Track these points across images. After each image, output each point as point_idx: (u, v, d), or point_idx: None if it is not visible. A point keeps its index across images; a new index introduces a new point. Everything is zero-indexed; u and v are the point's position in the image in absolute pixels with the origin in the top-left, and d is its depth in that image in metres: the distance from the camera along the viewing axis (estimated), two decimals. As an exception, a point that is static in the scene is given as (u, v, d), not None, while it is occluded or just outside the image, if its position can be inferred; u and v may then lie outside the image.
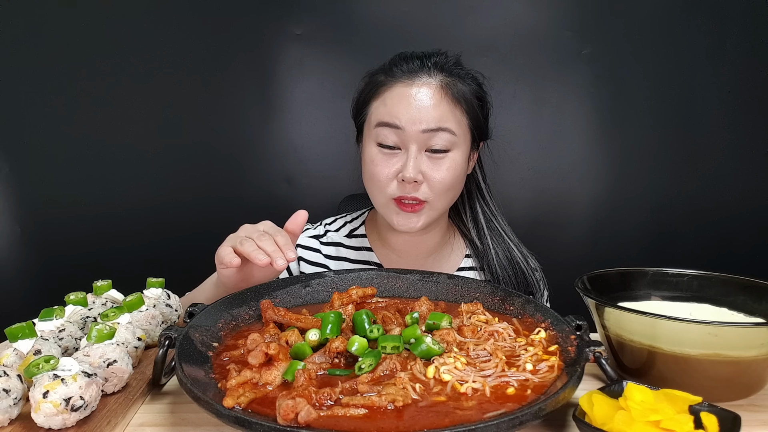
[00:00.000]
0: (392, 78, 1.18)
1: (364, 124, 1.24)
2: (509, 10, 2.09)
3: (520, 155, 2.16)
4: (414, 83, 1.16)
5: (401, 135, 1.14)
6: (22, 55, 2.06)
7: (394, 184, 1.16)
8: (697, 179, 2.17)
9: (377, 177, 1.17)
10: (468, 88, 1.19)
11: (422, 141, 1.14)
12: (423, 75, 1.16)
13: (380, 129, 1.16)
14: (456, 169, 1.17)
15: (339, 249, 1.36)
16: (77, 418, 0.65)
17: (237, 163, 2.17)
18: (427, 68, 1.17)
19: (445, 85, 1.16)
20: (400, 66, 1.18)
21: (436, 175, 1.15)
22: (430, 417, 0.61)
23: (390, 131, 1.15)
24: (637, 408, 0.62)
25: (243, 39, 2.09)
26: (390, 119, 1.15)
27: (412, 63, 1.18)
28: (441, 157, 1.16)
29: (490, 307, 0.93)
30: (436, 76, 1.17)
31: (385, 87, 1.18)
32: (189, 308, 0.83)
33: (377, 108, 1.19)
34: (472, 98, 1.20)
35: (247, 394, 0.63)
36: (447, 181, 1.16)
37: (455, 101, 1.16)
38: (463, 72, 1.21)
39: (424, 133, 1.13)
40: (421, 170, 1.14)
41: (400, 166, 1.15)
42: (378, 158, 1.17)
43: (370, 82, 1.23)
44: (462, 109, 1.18)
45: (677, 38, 2.10)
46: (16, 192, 2.14)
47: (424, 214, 1.18)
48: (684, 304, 0.92)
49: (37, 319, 0.83)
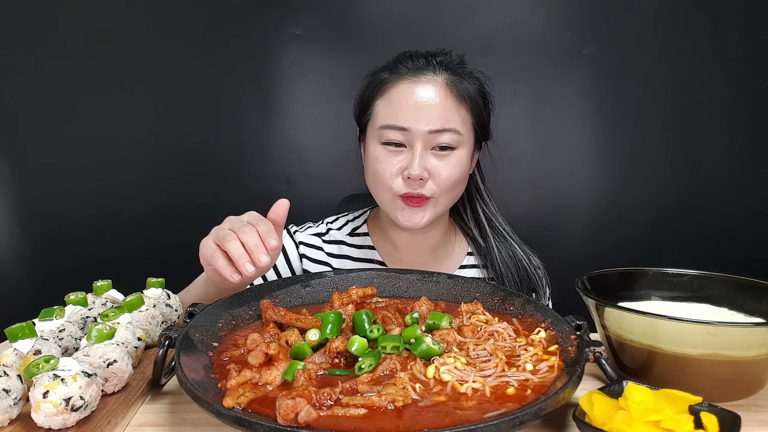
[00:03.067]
0: (397, 75, 1.18)
1: (368, 123, 1.23)
2: (509, 10, 2.09)
3: (519, 155, 2.16)
4: (419, 80, 1.16)
5: (407, 134, 1.15)
6: (22, 56, 2.05)
7: (399, 181, 1.17)
8: (697, 179, 2.17)
9: (382, 174, 1.17)
10: (472, 87, 1.20)
11: (428, 140, 1.15)
12: (428, 72, 1.17)
13: (386, 131, 1.16)
14: (461, 166, 1.18)
15: (341, 247, 1.36)
16: (77, 418, 0.65)
17: (237, 163, 2.17)
18: (432, 66, 1.17)
19: (450, 83, 1.16)
20: (405, 63, 1.19)
21: (442, 172, 1.15)
22: (430, 417, 0.61)
23: (396, 132, 1.15)
24: (637, 408, 0.62)
25: (243, 39, 2.09)
26: (396, 121, 1.15)
27: (417, 61, 1.18)
28: (447, 155, 1.16)
29: (490, 307, 0.93)
30: (441, 74, 1.17)
31: (389, 84, 1.18)
32: (189, 308, 0.83)
33: (382, 107, 1.19)
34: (477, 97, 1.21)
35: (247, 394, 0.63)
36: (453, 177, 1.17)
37: (460, 99, 1.17)
38: (467, 71, 1.22)
39: (430, 133, 1.14)
40: (427, 168, 1.15)
41: (406, 163, 1.15)
42: (383, 156, 1.17)
43: (373, 80, 1.22)
44: (467, 107, 1.18)
45: (677, 38, 2.10)
46: (16, 192, 2.14)
47: (429, 210, 1.18)
48: (684, 304, 0.92)
49: (37, 319, 0.83)
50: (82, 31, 2.06)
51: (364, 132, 1.26)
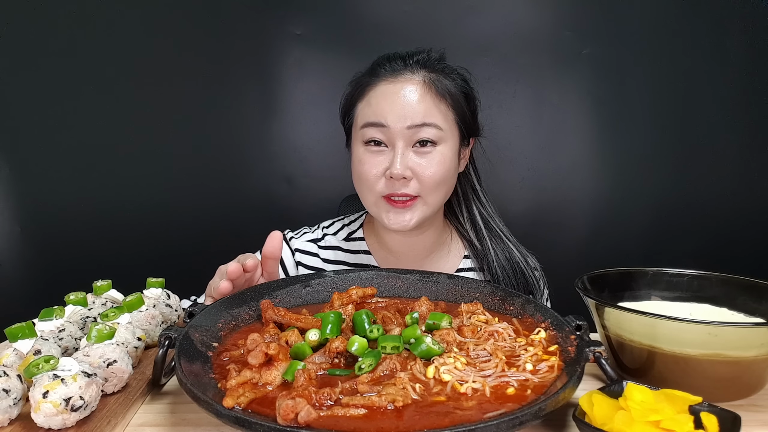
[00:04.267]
0: (376, 78, 1.19)
1: (352, 127, 1.24)
2: (509, 10, 2.09)
3: (519, 155, 2.16)
4: (397, 81, 1.17)
5: (387, 133, 1.15)
6: (22, 56, 2.06)
7: (382, 182, 1.17)
8: (697, 179, 2.17)
9: (365, 176, 1.17)
10: (453, 84, 1.20)
11: (408, 137, 1.15)
12: (406, 73, 1.17)
13: (366, 129, 1.17)
14: (445, 163, 1.17)
15: (337, 253, 1.36)
16: (77, 418, 0.65)
17: (237, 163, 2.17)
18: (410, 66, 1.18)
19: (429, 80, 1.17)
20: (384, 66, 1.20)
21: (425, 171, 1.15)
22: (430, 417, 0.61)
23: (376, 130, 1.16)
24: (637, 408, 0.62)
25: (243, 39, 2.09)
26: (375, 118, 1.15)
27: (395, 63, 1.19)
28: (429, 152, 1.16)
29: (490, 307, 0.93)
30: (419, 73, 1.17)
31: (369, 87, 1.19)
32: (189, 308, 0.83)
33: (363, 109, 1.20)
34: (458, 93, 1.20)
35: (247, 394, 0.63)
36: (437, 175, 1.16)
37: (439, 96, 1.17)
38: (447, 68, 1.22)
39: (409, 129, 1.14)
40: (409, 166, 1.14)
41: (388, 163, 1.15)
42: (365, 157, 1.18)
43: (355, 85, 1.24)
44: (447, 103, 1.18)
45: (677, 38, 2.10)
46: (16, 192, 2.14)
47: (417, 210, 1.17)
48: (684, 304, 0.92)
49: (37, 319, 0.83)
50: (82, 32, 2.06)
51: (350, 137, 1.26)
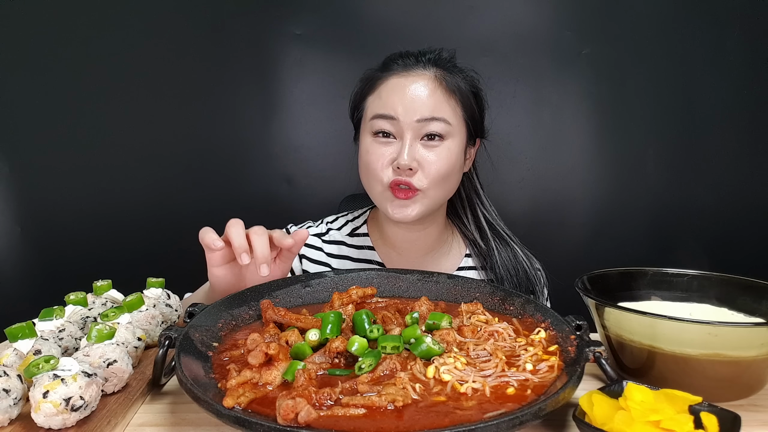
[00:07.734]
0: (388, 72, 1.20)
1: (361, 120, 1.25)
2: (509, 10, 2.09)
3: (519, 155, 2.16)
4: (409, 75, 1.18)
5: (396, 125, 1.16)
6: (22, 56, 2.06)
7: (389, 171, 1.17)
8: (696, 179, 2.17)
9: (372, 165, 1.18)
10: (463, 82, 1.22)
11: (417, 130, 1.16)
12: (418, 68, 1.19)
13: (376, 121, 1.18)
14: (451, 158, 1.18)
15: (341, 248, 1.37)
16: (77, 418, 0.65)
17: (237, 163, 2.17)
18: (422, 63, 1.20)
19: (440, 76, 1.18)
20: (396, 61, 1.21)
21: (431, 164, 1.16)
22: (430, 417, 0.61)
23: (385, 122, 1.17)
24: (637, 408, 0.62)
25: (243, 39, 2.09)
26: (385, 110, 1.16)
27: (407, 59, 1.21)
28: (436, 146, 1.17)
29: (490, 307, 0.93)
30: (431, 69, 1.19)
31: (380, 81, 1.21)
32: (189, 308, 0.83)
33: (373, 101, 1.21)
34: (467, 91, 1.22)
35: (247, 394, 0.63)
36: (443, 169, 1.17)
37: (450, 92, 1.18)
38: (458, 68, 1.24)
39: (418, 123, 1.15)
40: (416, 158, 1.15)
41: (396, 154, 1.16)
42: (373, 147, 1.19)
43: (365, 79, 1.25)
44: (457, 99, 1.19)
45: (677, 38, 2.10)
46: (16, 192, 2.14)
47: (418, 202, 1.18)
48: (684, 304, 0.92)
49: (37, 319, 0.83)
50: (83, 32, 2.06)
51: (359, 130, 1.27)
